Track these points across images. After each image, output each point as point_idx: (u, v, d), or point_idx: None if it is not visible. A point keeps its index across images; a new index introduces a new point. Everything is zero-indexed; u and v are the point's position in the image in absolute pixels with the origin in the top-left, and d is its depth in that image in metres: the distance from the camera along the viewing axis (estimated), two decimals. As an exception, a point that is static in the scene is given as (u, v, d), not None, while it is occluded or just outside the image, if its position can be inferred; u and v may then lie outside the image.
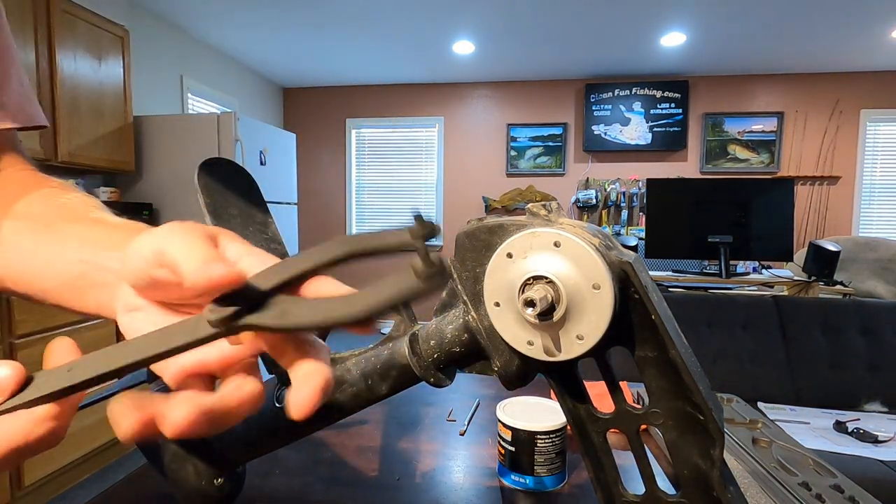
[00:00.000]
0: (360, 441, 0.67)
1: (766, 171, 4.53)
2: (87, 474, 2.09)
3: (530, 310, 0.26)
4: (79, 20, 2.42)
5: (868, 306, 1.92)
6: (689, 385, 0.27)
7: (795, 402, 1.78)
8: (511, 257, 0.29)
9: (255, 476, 0.56)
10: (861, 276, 3.15)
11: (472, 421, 0.75)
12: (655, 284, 0.30)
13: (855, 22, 3.41)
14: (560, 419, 0.57)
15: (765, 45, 3.84)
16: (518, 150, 4.86)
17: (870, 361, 1.82)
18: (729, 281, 2.31)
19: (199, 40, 3.83)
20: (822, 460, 0.67)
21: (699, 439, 0.28)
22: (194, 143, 2.92)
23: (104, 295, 0.30)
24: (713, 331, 1.92)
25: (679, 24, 3.50)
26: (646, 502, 0.32)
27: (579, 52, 4.08)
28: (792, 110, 4.50)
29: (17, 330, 1.79)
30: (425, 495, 0.55)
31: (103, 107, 2.59)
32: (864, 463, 1.39)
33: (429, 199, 5.06)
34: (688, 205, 2.45)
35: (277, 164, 3.34)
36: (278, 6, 3.24)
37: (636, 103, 4.58)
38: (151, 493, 0.53)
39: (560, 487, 0.57)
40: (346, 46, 3.98)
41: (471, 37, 3.78)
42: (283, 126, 5.16)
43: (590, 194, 4.66)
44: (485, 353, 0.33)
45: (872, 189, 4.48)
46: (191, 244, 0.23)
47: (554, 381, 0.33)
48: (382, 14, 3.37)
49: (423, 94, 4.97)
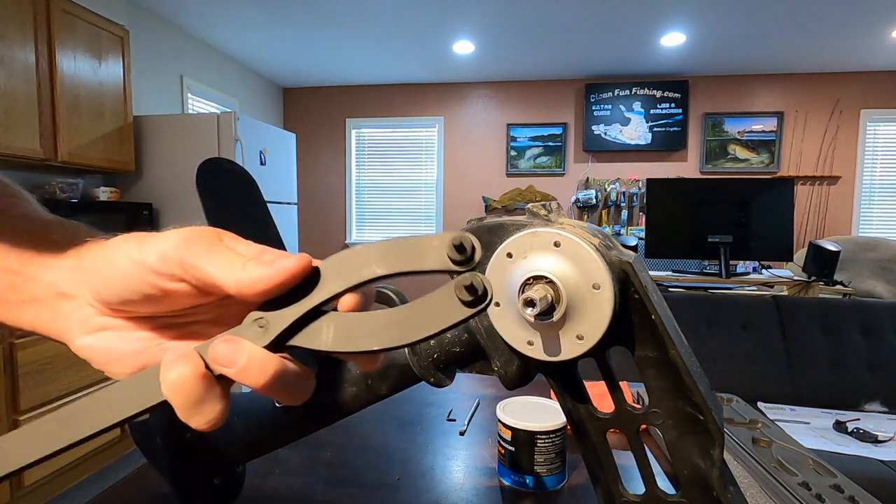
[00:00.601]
0: (360, 441, 0.67)
1: (766, 171, 4.53)
2: (87, 474, 2.09)
3: (530, 310, 0.26)
4: (79, 20, 2.42)
5: (868, 306, 1.92)
6: (689, 385, 0.27)
7: (795, 402, 1.78)
8: (511, 257, 0.29)
9: (255, 476, 0.56)
10: (861, 276, 3.15)
11: (472, 421, 0.75)
12: (655, 284, 0.30)
13: (855, 22, 3.41)
14: (560, 419, 0.57)
15: (765, 45, 3.84)
16: (518, 150, 4.86)
17: (870, 361, 1.82)
18: (729, 281, 2.31)
19: (199, 40, 3.83)
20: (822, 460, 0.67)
21: (699, 439, 0.28)
22: (194, 143, 2.92)
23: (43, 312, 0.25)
24: (713, 331, 1.92)
25: (679, 24, 3.50)
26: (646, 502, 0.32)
27: (579, 52, 4.08)
28: (792, 110, 4.50)
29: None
30: (425, 495, 0.55)
31: (103, 107, 2.59)
32: (864, 463, 1.39)
33: (429, 199, 5.06)
34: (688, 205, 2.44)
35: (277, 164, 3.34)
36: (278, 6, 3.24)
37: (636, 103, 4.58)
38: (151, 493, 0.53)
39: (560, 487, 0.57)
40: (346, 46, 3.98)
41: (471, 37, 3.78)
42: (283, 126, 5.16)
43: (590, 194, 4.66)
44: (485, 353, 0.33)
45: (872, 189, 4.48)
46: (219, 253, 0.22)
47: (554, 381, 0.33)
48: (382, 14, 3.37)
49: (423, 94, 4.97)
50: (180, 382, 0.20)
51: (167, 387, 0.20)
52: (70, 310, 0.25)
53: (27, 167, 2.42)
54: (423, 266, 0.20)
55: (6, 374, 1.75)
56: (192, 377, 0.20)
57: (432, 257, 0.20)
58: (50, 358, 1.90)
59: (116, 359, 0.25)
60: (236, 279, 0.21)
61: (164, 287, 0.22)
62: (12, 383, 1.77)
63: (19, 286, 0.25)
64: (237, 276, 0.21)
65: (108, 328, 0.25)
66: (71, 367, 1.98)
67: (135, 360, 0.25)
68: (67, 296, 0.25)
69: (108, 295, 0.24)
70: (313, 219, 5.19)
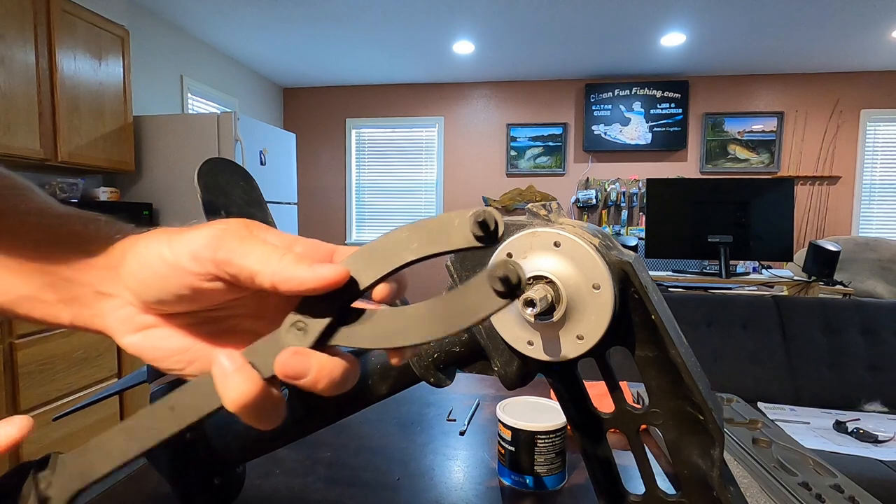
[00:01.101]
0: (360, 441, 0.67)
1: (766, 171, 4.53)
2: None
3: (530, 310, 0.26)
4: (79, 20, 2.42)
5: (868, 306, 1.92)
6: (689, 385, 0.27)
7: (795, 402, 1.78)
8: (511, 257, 0.29)
9: (255, 476, 0.56)
10: (861, 276, 3.15)
11: (472, 421, 0.75)
12: (655, 284, 0.30)
13: (855, 22, 3.41)
14: (560, 419, 0.57)
15: (765, 45, 3.84)
16: (518, 150, 4.86)
17: (870, 361, 1.82)
18: (729, 281, 2.31)
19: (199, 40, 3.83)
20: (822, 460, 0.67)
21: (699, 439, 0.28)
22: (194, 143, 2.92)
23: (82, 311, 0.26)
24: (713, 331, 1.92)
25: (679, 24, 3.50)
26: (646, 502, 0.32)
27: (579, 52, 4.08)
28: (792, 110, 4.50)
29: (18, 330, 1.79)
30: (425, 495, 0.55)
31: (103, 107, 2.59)
32: (864, 463, 1.39)
33: (429, 199, 5.06)
34: (688, 205, 2.44)
35: (277, 163, 3.34)
36: (278, 6, 3.24)
37: (636, 103, 4.58)
38: (151, 493, 0.53)
39: (560, 487, 0.57)
40: (346, 46, 3.98)
41: (471, 37, 3.78)
42: (283, 126, 5.16)
43: (590, 194, 4.66)
44: (485, 353, 0.33)
45: (872, 189, 4.48)
46: (252, 246, 0.22)
47: (554, 381, 0.33)
48: (382, 14, 3.37)
49: (423, 94, 4.97)
50: (245, 401, 0.21)
51: (233, 405, 0.21)
52: (111, 308, 0.25)
53: (27, 167, 2.42)
54: (450, 246, 0.20)
55: (6, 374, 1.75)
56: (254, 392, 0.21)
57: (457, 236, 0.20)
58: (50, 358, 1.90)
59: (165, 356, 0.25)
60: (271, 272, 0.21)
61: (199, 286, 0.23)
62: (12, 383, 1.77)
63: (56, 286, 0.26)
64: (272, 268, 0.21)
65: (152, 326, 0.25)
66: (71, 367, 1.98)
67: (182, 356, 0.25)
68: (106, 294, 0.25)
69: (146, 296, 0.24)
70: (313, 219, 5.19)
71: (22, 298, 0.26)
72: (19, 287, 0.26)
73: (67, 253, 0.26)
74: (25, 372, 1.80)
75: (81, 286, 0.25)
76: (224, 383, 0.21)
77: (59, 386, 1.94)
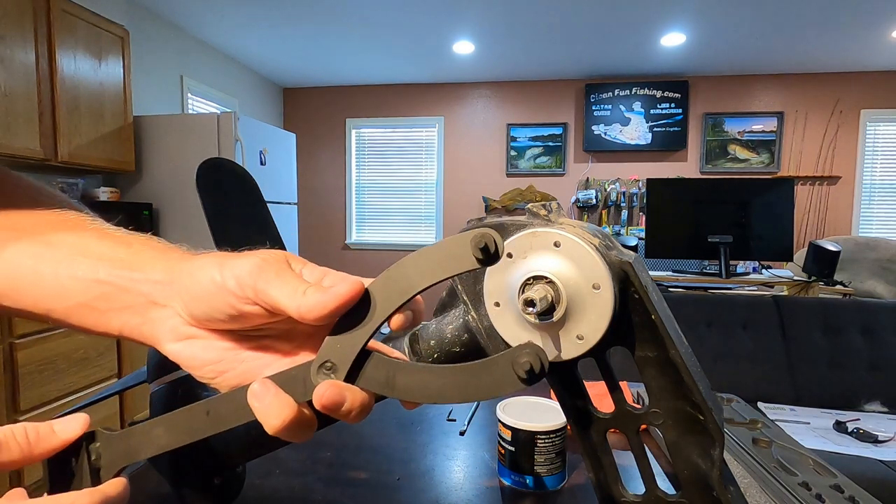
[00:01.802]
0: (360, 441, 0.67)
1: (766, 171, 4.53)
2: (87, 474, 2.09)
3: (530, 310, 0.26)
4: (79, 20, 2.42)
5: (868, 306, 1.92)
6: (689, 385, 0.27)
7: (795, 402, 1.78)
8: (511, 257, 0.29)
9: (255, 476, 0.56)
10: (861, 276, 3.15)
11: (472, 421, 0.75)
12: (655, 284, 0.30)
13: (855, 22, 3.41)
14: (560, 419, 0.57)
15: (765, 45, 3.84)
16: (518, 150, 4.86)
17: (870, 361, 1.82)
18: (729, 281, 2.31)
19: (199, 40, 3.83)
20: (822, 460, 0.67)
21: (699, 439, 0.28)
22: (194, 143, 2.92)
23: (133, 318, 0.28)
24: (713, 331, 1.92)
25: (679, 24, 3.50)
26: (646, 502, 0.32)
27: (579, 52, 4.08)
28: (792, 110, 4.50)
29: (18, 330, 1.79)
30: (425, 495, 0.55)
31: (103, 107, 2.59)
32: (864, 463, 1.39)
33: (429, 199, 5.06)
34: (688, 205, 2.44)
35: (277, 164, 3.34)
36: (278, 6, 3.24)
37: (636, 103, 4.58)
38: (151, 493, 0.53)
39: (560, 487, 0.57)
40: (346, 46, 3.98)
41: (471, 37, 3.78)
42: (283, 126, 5.16)
43: (590, 194, 4.66)
44: (485, 353, 0.33)
45: (872, 189, 4.48)
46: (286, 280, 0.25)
47: (554, 381, 0.33)
48: (382, 14, 3.37)
49: (423, 94, 4.97)
50: (284, 426, 0.24)
51: (273, 429, 0.24)
52: (162, 317, 0.28)
53: (27, 167, 2.42)
54: (457, 270, 0.22)
55: (6, 374, 1.75)
56: (292, 418, 0.24)
57: (461, 261, 0.22)
58: (50, 358, 1.90)
59: (200, 365, 0.28)
60: (297, 305, 0.24)
61: (240, 308, 0.25)
62: (12, 383, 1.77)
63: (111, 295, 0.28)
64: (298, 302, 0.24)
65: (194, 337, 0.28)
66: (71, 367, 1.98)
67: (216, 367, 0.28)
68: (159, 304, 0.28)
69: (195, 311, 0.27)
70: (313, 219, 5.19)
71: (79, 306, 0.29)
72: (78, 295, 0.29)
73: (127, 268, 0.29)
74: (25, 372, 1.81)
75: (138, 296, 0.28)
76: (266, 412, 0.24)
77: (60, 386, 1.94)
